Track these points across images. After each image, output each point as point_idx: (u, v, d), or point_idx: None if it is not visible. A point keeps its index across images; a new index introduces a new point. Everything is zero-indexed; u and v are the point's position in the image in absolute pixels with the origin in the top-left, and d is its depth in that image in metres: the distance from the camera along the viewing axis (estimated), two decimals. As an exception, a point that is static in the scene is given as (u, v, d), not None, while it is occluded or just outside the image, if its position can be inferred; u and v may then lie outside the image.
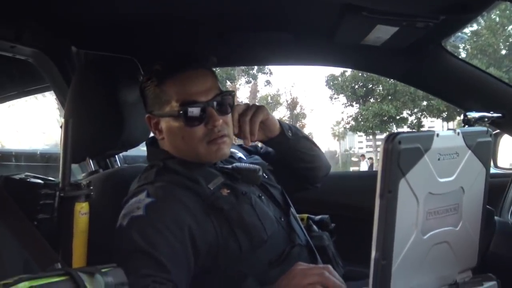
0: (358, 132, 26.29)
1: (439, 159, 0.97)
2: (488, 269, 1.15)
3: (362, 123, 23.26)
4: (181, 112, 1.36)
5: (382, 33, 1.56)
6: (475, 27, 21.14)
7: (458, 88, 1.80)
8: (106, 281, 0.83)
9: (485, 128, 1.12)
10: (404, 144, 0.90)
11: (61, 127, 1.28)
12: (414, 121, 23.26)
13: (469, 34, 21.05)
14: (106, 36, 1.75)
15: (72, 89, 1.70)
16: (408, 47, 1.70)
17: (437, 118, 23.84)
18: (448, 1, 1.39)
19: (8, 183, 1.27)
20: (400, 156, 0.90)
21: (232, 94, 1.43)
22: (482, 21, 21.08)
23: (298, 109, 29.92)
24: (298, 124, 27.59)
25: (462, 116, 1.66)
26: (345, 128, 27.20)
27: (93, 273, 0.83)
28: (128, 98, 1.65)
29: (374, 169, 17.26)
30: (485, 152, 1.08)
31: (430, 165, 0.95)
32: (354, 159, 34.87)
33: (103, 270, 0.85)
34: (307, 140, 1.61)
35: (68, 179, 1.24)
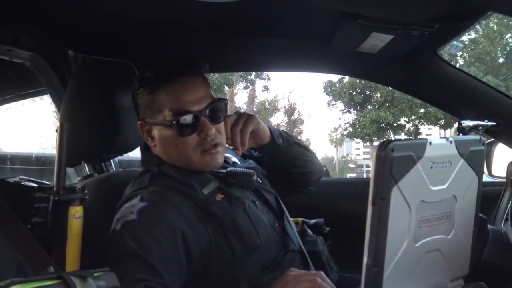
0: (355, 139, 26.27)
1: (431, 167, 0.97)
2: (480, 277, 1.15)
3: (359, 129, 23.22)
4: (173, 122, 1.35)
5: (378, 40, 1.57)
6: (473, 35, 21.22)
7: (453, 96, 1.80)
8: (98, 285, 0.83)
9: (478, 137, 1.12)
10: (397, 152, 0.90)
11: (56, 130, 1.28)
12: (412, 129, 23.27)
13: (467, 42, 21.11)
14: (103, 40, 1.75)
15: (68, 92, 1.69)
16: (403, 55, 1.70)
17: (435, 126, 23.83)
18: (443, 10, 1.39)
19: (2, 186, 1.27)
20: (393, 163, 0.90)
21: (225, 101, 1.42)
22: (480, 29, 21.15)
23: (295, 115, 29.88)
24: (295, 130, 27.61)
25: (457, 125, 1.67)
26: (342, 134, 27.15)
27: (86, 277, 0.83)
28: (124, 103, 1.65)
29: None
30: (477, 160, 1.09)
31: (422, 173, 0.95)
32: (351, 165, 35.00)
33: (95, 274, 0.84)
34: (299, 145, 1.61)
35: (63, 183, 1.25)
